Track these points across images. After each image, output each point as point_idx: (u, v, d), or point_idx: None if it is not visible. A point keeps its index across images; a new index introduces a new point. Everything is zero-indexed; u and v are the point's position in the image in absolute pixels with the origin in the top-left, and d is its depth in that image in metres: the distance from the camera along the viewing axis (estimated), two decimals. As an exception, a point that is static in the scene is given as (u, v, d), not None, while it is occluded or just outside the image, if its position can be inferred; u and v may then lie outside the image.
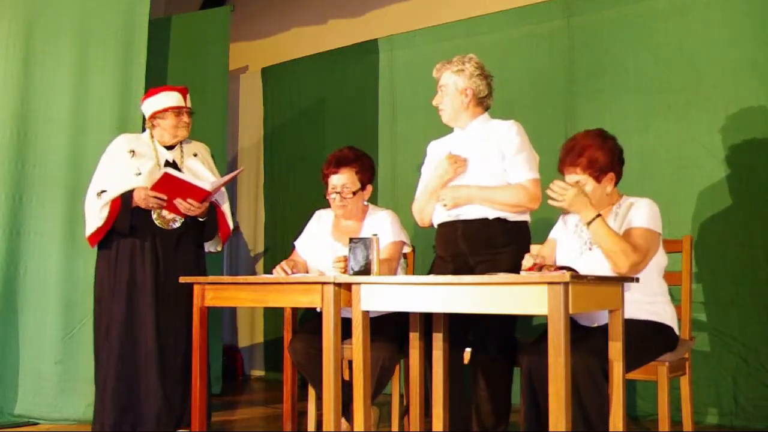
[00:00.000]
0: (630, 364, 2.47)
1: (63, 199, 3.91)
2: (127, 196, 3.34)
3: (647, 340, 2.57)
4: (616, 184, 2.76)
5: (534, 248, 2.83)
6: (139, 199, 3.32)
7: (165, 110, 3.45)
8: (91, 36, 4.04)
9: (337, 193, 3.23)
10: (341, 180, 3.24)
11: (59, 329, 3.86)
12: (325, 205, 3.50)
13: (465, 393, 2.92)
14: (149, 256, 3.39)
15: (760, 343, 3.48)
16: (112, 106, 4.01)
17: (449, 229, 2.93)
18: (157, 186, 3.27)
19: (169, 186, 3.26)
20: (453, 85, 2.98)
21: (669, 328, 2.66)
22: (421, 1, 5.12)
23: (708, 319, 3.56)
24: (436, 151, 3.12)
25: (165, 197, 3.29)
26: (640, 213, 2.62)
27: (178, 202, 3.31)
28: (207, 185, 3.30)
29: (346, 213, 3.28)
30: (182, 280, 3.13)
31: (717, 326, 3.58)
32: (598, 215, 2.54)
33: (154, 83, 4.12)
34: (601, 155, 2.67)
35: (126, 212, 3.33)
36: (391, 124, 4.86)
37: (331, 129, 5.20)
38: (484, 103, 3.02)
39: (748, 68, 3.59)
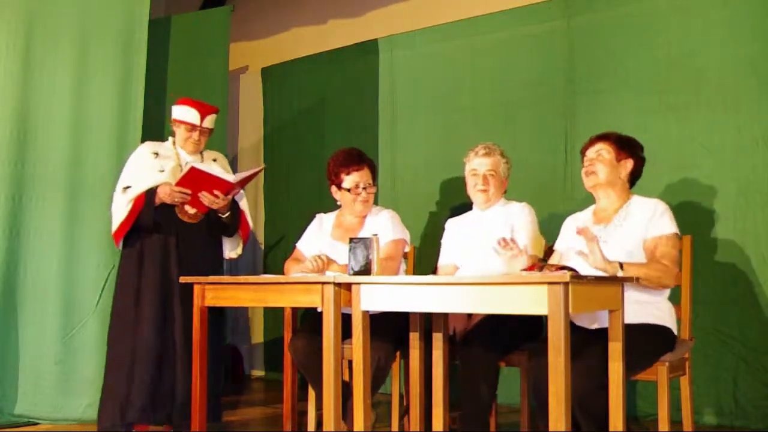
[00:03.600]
0: (629, 369, 2.47)
1: (63, 199, 3.90)
2: (150, 192, 3.42)
3: (646, 343, 2.56)
4: (630, 183, 2.82)
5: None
6: (164, 195, 3.40)
7: (180, 122, 3.56)
8: (91, 36, 4.04)
9: (363, 189, 3.29)
10: (364, 176, 3.30)
11: (59, 329, 3.86)
12: (325, 205, 3.50)
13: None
14: (174, 252, 3.47)
15: (760, 343, 3.48)
16: (112, 106, 4.00)
17: None
18: (183, 181, 3.35)
19: (194, 180, 3.35)
20: (502, 173, 3.20)
21: (667, 330, 2.66)
22: (421, 1, 5.11)
23: (708, 319, 3.56)
24: (455, 229, 3.28)
25: (189, 192, 3.38)
26: (665, 220, 2.67)
27: (203, 195, 3.38)
28: (231, 177, 3.40)
29: (367, 208, 3.34)
30: (183, 280, 3.14)
31: (717, 326, 3.58)
32: (620, 265, 2.50)
33: (154, 83, 4.13)
34: (629, 140, 2.83)
35: (149, 207, 3.41)
36: (391, 124, 4.86)
37: (331, 129, 5.20)
38: None
39: (748, 68, 3.59)
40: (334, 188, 3.35)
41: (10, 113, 3.90)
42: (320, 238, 3.37)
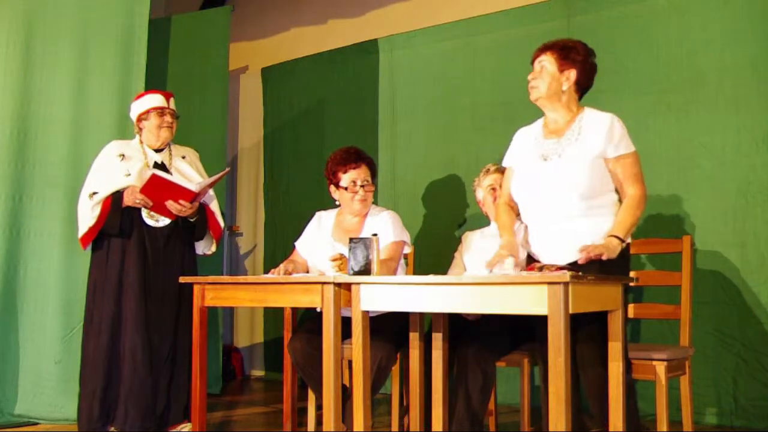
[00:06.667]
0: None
1: (63, 199, 3.91)
2: (117, 196, 3.38)
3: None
4: (579, 95, 2.75)
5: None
6: (128, 198, 3.37)
7: (148, 111, 3.52)
8: (91, 36, 4.04)
9: (360, 186, 3.27)
10: (362, 174, 3.28)
11: (59, 329, 3.86)
12: (325, 205, 3.49)
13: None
14: (138, 254, 3.41)
15: (760, 343, 3.48)
16: (112, 106, 4.01)
17: None
18: (146, 188, 3.32)
19: (157, 187, 3.32)
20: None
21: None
22: (421, 1, 5.11)
23: (708, 319, 3.56)
24: (471, 242, 3.29)
25: (151, 202, 3.35)
26: (624, 140, 2.62)
27: (170, 204, 3.37)
28: (193, 186, 3.36)
29: (365, 207, 3.32)
30: (182, 280, 3.13)
31: (717, 326, 3.58)
32: (617, 239, 2.47)
33: (154, 83, 4.12)
34: (577, 47, 2.69)
35: (116, 212, 3.38)
36: (391, 124, 4.86)
37: (331, 129, 5.20)
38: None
39: (748, 68, 3.59)
40: (332, 187, 3.34)
41: (10, 113, 3.90)
42: (319, 237, 3.37)
